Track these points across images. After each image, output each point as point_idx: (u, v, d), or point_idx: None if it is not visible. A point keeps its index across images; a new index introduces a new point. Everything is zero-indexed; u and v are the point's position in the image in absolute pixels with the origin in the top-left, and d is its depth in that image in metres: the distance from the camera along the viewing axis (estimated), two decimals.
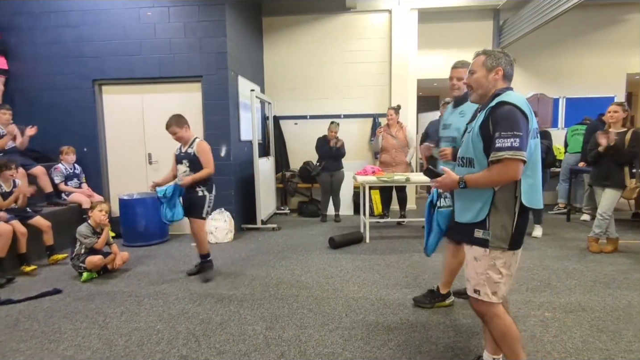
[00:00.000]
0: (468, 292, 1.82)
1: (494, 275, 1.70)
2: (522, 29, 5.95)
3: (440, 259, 3.98)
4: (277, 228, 5.37)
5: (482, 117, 1.69)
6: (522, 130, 1.57)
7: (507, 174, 1.60)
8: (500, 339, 1.78)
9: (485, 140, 1.66)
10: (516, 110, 1.61)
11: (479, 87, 1.79)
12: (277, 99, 6.57)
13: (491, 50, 1.81)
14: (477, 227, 1.71)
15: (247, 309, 2.94)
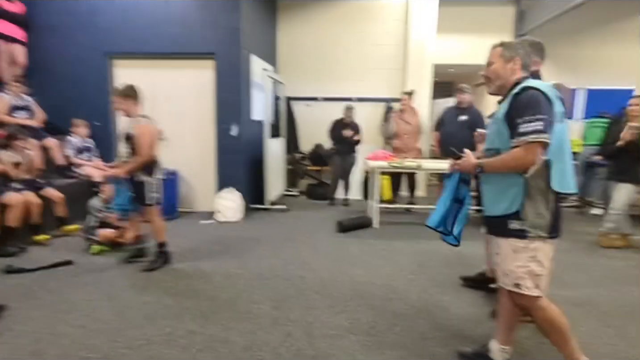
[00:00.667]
0: (507, 287, 1.75)
1: (535, 268, 1.66)
2: (544, 16, 5.77)
3: (447, 247, 3.97)
4: (286, 209, 5.38)
5: (505, 106, 1.68)
6: (546, 113, 1.55)
7: (525, 157, 1.57)
8: (549, 331, 1.75)
9: (511, 129, 1.63)
10: (539, 93, 1.59)
11: (497, 77, 1.78)
12: (289, 80, 6.48)
13: (509, 42, 1.82)
14: (511, 218, 1.66)
15: (254, 287, 2.97)
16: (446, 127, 5.09)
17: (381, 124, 6.54)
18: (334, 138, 5.72)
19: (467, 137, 4.95)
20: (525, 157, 1.56)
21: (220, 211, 4.83)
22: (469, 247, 4.00)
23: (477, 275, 3.00)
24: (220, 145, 5.04)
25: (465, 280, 3.03)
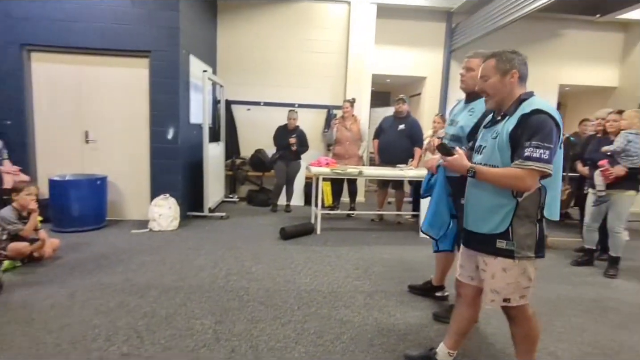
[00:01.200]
0: (494, 305, 1.76)
1: (523, 282, 1.69)
2: (472, 34, 6.23)
3: (388, 252, 4.10)
4: (226, 217, 5.19)
5: (512, 125, 1.61)
6: (553, 142, 1.54)
7: (523, 182, 1.56)
8: (523, 339, 1.80)
9: (513, 147, 1.60)
10: (550, 120, 1.55)
11: (496, 93, 1.71)
12: (229, 83, 6.30)
13: (501, 52, 1.72)
14: (499, 237, 1.66)
15: (194, 301, 2.80)
16: (385, 136, 5.28)
17: (323, 130, 6.60)
18: (278, 145, 5.65)
19: (405, 145, 5.21)
20: (523, 180, 1.55)
21: (154, 219, 4.52)
22: (409, 252, 4.19)
23: (424, 284, 3.09)
24: (155, 149, 4.73)
25: (412, 289, 3.11)
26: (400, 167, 4.95)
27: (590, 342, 2.47)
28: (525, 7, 4.97)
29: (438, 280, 3.00)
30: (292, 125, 5.62)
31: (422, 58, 6.95)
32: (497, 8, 5.54)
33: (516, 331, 1.81)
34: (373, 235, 4.72)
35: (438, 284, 3.01)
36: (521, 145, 1.56)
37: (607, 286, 3.42)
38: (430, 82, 7.08)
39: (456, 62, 6.96)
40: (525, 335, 1.79)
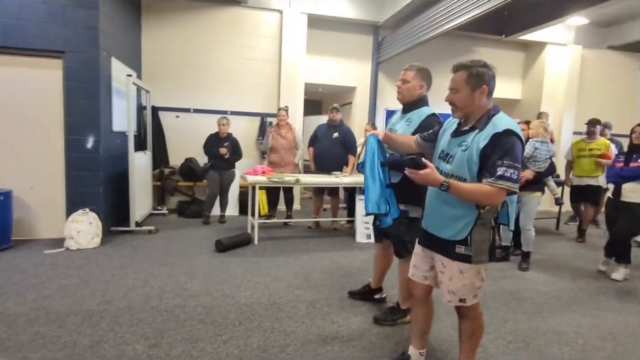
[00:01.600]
0: (451, 304, 1.88)
1: (477, 283, 1.82)
2: (397, 48, 6.60)
3: (327, 259, 4.15)
4: (155, 230, 4.86)
5: (483, 141, 1.66)
6: (520, 162, 1.65)
7: (494, 199, 1.65)
8: (471, 336, 1.92)
9: (482, 164, 1.67)
10: (519, 141, 1.65)
11: (465, 106, 1.76)
12: (156, 88, 5.95)
13: (472, 65, 1.74)
14: (459, 243, 1.76)
15: (124, 325, 2.57)
16: (320, 144, 5.36)
17: (257, 138, 6.52)
18: (210, 153, 5.44)
19: (340, 152, 5.33)
20: (494, 198, 1.64)
21: (72, 237, 4.09)
22: (347, 257, 4.28)
23: (362, 288, 3.16)
24: (72, 159, 4.29)
25: (352, 294, 3.16)
26: (335, 175, 5.05)
27: (512, 331, 2.72)
28: (443, 26, 5.40)
29: (376, 282, 3.09)
30: (223, 132, 5.43)
31: (351, 69, 7.19)
32: (419, 25, 5.94)
33: (466, 328, 1.92)
34: (311, 243, 4.75)
35: (376, 286, 3.10)
36: (493, 164, 1.63)
37: (522, 278, 3.81)
38: (360, 92, 7.34)
39: (383, 74, 7.32)
40: (473, 332, 1.92)
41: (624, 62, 8.04)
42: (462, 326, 1.94)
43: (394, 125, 2.68)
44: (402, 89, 2.57)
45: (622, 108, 7.94)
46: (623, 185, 3.80)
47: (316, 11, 6.47)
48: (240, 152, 5.56)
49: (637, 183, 3.71)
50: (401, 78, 2.58)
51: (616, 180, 3.88)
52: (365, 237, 4.83)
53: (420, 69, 2.57)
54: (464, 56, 7.57)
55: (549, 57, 7.64)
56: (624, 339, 2.69)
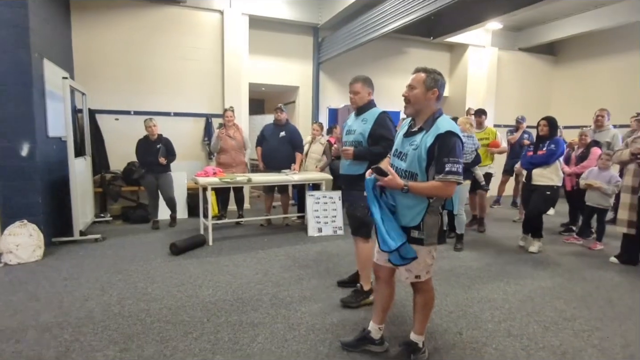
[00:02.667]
0: (408, 281, 2.18)
1: (429, 261, 2.13)
2: (337, 49, 6.92)
3: (282, 253, 4.34)
4: (102, 239, 4.70)
5: (430, 141, 1.94)
6: (461, 158, 1.95)
7: (447, 191, 1.95)
8: (424, 307, 2.22)
9: (429, 160, 1.95)
10: (459, 141, 1.95)
11: (417, 103, 2.02)
12: (92, 90, 5.67)
13: (431, 70, 2.03)
14: (413, 229, 2.04)
15: (88, 334, 2.56)
16: (268, 143, 5.50)
17: (203, 139, 6.48)
18: (143, 159, 5.29)
19: (287, 151, 5.52)
20: (445, 190, 1.94)
21: (11, 251, 3.85)
22: (301, 251, 4.50)
23: (351, 277, 3.41)
24: (4, 169, 4.02)
25: (341, 284, 3.41)
26: (285, 172, 5.23)
27: (452, 303, 3.13)
28: (379, 30, 5.80)
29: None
30: (153, 134, 5.28)
31: (293, 68, 7.39)
32: (357, 28, 6.30)
33: (419, 300, 2.24)
34: (265, 240, 4.90)
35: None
36: (440, 162, 1.91)
37: (457, 257, 4.30)
38: (302, 92, 7.56)
39: (324, 73, 7.61)
40: (426, 303, 2.24)
41: (533, 62, 9.12)
42: (416, 299, 2.25)
43: (351, 127, 3.02)
44: (354, 99, 2.97)
45: (534, 103, 9.02)
46: (533, 171, 4.43)
47: (257, 12, 6.56)
48: (174, 153, 5.44)
49: (544, 168, 4.36)
50: (351, 90, 2.97)
51: (527, 167, 4.51)
52: (317, 230, 5.09)
53: (364, 79, 2.97)
54: (397, 56, 8.21)
55: (470, 57, 8.44)
56: (539, 299, 3.21)
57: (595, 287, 3.51)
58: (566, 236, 5.13)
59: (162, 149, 5.28)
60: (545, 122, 4.40)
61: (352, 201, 3.03)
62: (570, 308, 3.07)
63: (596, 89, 8.29)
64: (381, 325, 2.39)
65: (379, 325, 2.38)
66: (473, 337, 2.60)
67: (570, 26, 7.73)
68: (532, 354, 2.42)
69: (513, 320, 2.86)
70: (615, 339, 2.62)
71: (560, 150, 4.31)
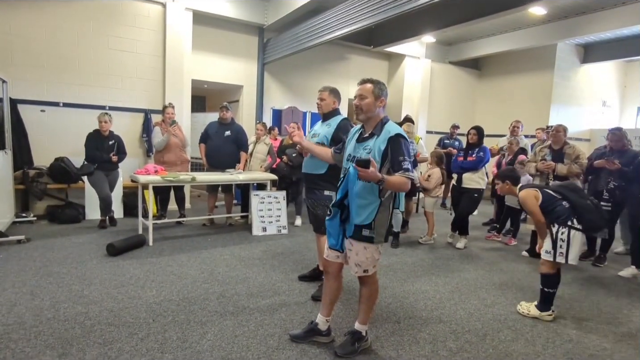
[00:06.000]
0: (357, 274, 2.33)
1: (376, 256, 2.30)
2: (282, 51, 7.02)
3: (227, 253, 4.34)
4: (26, 240, 4.33)
5: (383, 144, 2.15)
6: (412, 158, 2.16)
7: (406, 185, 2.12)
8: (369, 298, 2.38)
9: (382, 162, 2.14)
10: (408, 142, 2.18)
11: (368, 110, 2.22)
12: (14, 78, 5.18)
13: (377, 80, 2.25)
14: (364, 227, 2.19)
15: (19, 341, 2.40)
16: (212, 141, 5.44)
17: (141, 135, 6.21)
18: (92, 158, 5.01)
19: (232, 150, 5.51)
20: (407, 185, 2.12)
21: None
22: (245, 250, 4.54)
23: (312, 271, 3.59)
24: None
25: (302, 278, 3.56)
26: (229, 172, 5.21)
27: (390, 295, 3.39)
28: (324, 36, 6.02)
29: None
30: (105, 129, 5.07)
31: (238, 67, 7.35)
32: (302, 33, 6.46)
33: (365, 292, 2.41)
34: (209, 239, 4.85)
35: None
36: (397, 161, 2.12)
37: (394, 253, 4.61)
38: (246, 91, 7.55)
39: (269, 74, 7.66)
40: (370, 294, 2.41)
41: (461, 75, 9.97)
42: (362, 292, 2.43)
43: (316, 131, 3.24)
44: (320, 105, 3.18)
45: (462, 112, 9.85)
46: (463, 175, 4.91)
47: (201, 8, 6.44)
48: (125, 151, 5.29)
49: (473, 173, 4.84)
50: (319, 97, 3.18)
51: (458, 171, 4.98)
52: (261, 230, 5.14)
53: (332, 90, 3.20)
54: (339, 62, 8.54)
55: (407, 67, 9.01)
56: (465, 290, 3.60)
57: (510, 277, 4.00)
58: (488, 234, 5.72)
59: (115, 145, 5.11)
60: (474, 131, 4.90)
61: (314, 199, 3.20)
62: (490, 296, 3.48)
63: (513, 102, 9.30)
64: (328, 318, 2.54)
65: (326, 318, 2.53)
66: (409, 325, 2.86)
67: (492, 44, 8.59)
68: (459, 336, 2.73)
69: (443, 308, 3.18)
70: (526, 320, 3.04)
71: (487, 157, 4.83)
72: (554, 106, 8.68)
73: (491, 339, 2.72)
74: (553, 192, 3.11)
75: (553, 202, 3.03)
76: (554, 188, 3.22)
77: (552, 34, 7.44)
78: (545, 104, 8.38)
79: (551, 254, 2.96)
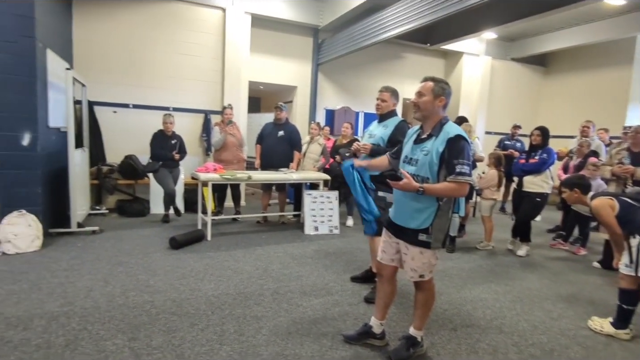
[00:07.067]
0: (412, 280, 2.27)
1: (433, 261, 2.23)
2: (336, 52, 7.03)
3: (280, 250, 4.43)
4: (99, 231, 4.72)
5: (441, 146, 2.06)
6: (470, 161, 2.06)
7: (461, 191, 2.04)
8: (424, 304, 2.32)
9: (440, 164, 2.06)
10: (467, 145, 2.07)
11: (425, 109, 2.15)
12: (90, 82, 5.65)
13: (439, 79, 2.16)
14: (421, 232, 2.14)
15: (95, 324, 2.62)
16: (267, 141, 5.58)
17: (201, 135, 6.51)
18: (158, 152, 5.34)
19: (286, 150, 5.61)
20: (461, 191, 2.03)
21: (9, 241, 3.85)
22: (298, 248, 4.59)
23: (364, 273, 3.56)
24: (4, 158, 4.01)
25: (354, 279, 3.55)
26: (283, 171, 5.32)
27: (446, 301, 3.27)
28: (379, 35, 5.94)
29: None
30: (168, 129, 5.40)
31: (292, 68, 7.48)
32: (357, 32, 6.42)
33: (420, 297, 2.34)
34: (263, 237, 4.98)
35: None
36: (451, 164, 2.03)
37: (450, 258, 4.44)
38: (300, 91, 7.65)
39: (323, 75, 7.71)
40: (426, 300, 2.34)
41: (524, 72, 9.39)
42: (418, 297, 2.36)
43: (372, 132, 3.23)
44: (381, 106, 3.17)
45: (524, 112, 9.29)
46: (524, 178, 4.62)
47: (259, 11, 6.62)
48: (186, 150, 5.59)
49: (535, 176, 4.54)
50: (380, 97, 3.18)
51: (519, 174, 4.69)
52: (313, 229, 5.18)
53: (393, 91, 3.20)
54: (394, 61, 8.38)
55: (465, 65, 8.65)
56: (528, 300, 3.38)
57: (579, 289, 3.70)
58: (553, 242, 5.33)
59: (177, 144, 5.42)
60: (538, 131, 4.59)
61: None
62: (557, 308, 3.24)
63: (583, 101, 8.59)
64: (382, 321, 2.50)
65: (380, 321, 2.49)
66: (467, 333, 2.74)
67: (561, 39, 8.00)
68: (523, 350, 2.57)
69: (504, 318, 3.01)
70: (599, 337, 2.79)
71: (551, 160, 4.50)
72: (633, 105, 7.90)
73: (558, 355, 2.54)
74: (631, 199, 2.83)
75: (632, 210, 2.76)
76: (632, 195, 2.93)
77: (632, 25, 6.76)
78: (622, 102, 7.63)
79: (632, 267, 2.69)
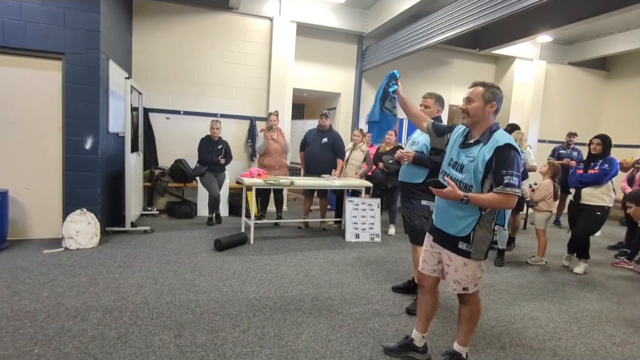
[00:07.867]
0: (455, 292, 2.17)
1: (478, 274, 2.13)
2: (381, 58, 6.97)
3: (321, 257, 4.42)
4: (150, 230, 4.97)
5: (488, 154, 1.96)
6: (520, 172, 1.95)
7: (508, 203, 1.93)
8: (469, 319, 2.21)
9: (485, 173, 1.97)
10: (518, 155, 1.96)
11: (475, 115, 2.06)
12: (146, 90, 6.02)
13: (490, 84, 2.07)
14: (461, 240, 2.06)
15: (145, 319, 2.74)
16: (310, 148, 5.62)
17: (246, 141, 6.70)
18: (204, 157, 5.56)
19: (329, 157, 5.62)
20: (506, 203, 1.92)
21: (71, 237, 4.15)
22: (338, 255, 4.56)
23: (406, 283, 3.50)
24: (70, 160, 4.34)
25: (396, 289, 3.50)
26: (325, 177, 5.33)
27: (494, 317, 3.10)
28: (425, 41, 5.81)
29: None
30: (215, 135, 5.60)
31: (336, 75, 7.51)
32: (402, 38, 6.34)
33: (465, 312, 2.23)
34: (304, 242, 5.00)
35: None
36: (499, 174, 1.93)
37: (498, 272, 4.23)
38: (344, 98, 7.67)
39: (366, 82, 7.68)
40: (471, 315, 2.22)
41: (583, 77, 8.82)
42: (462, 311, 2.25)
43: (415, 139, 3.17)
44: (424, 112, 3.10)
45: (583, 119, 8.71)
46: (582, 190, 4.31)
47: (305, 20, 6.73)
48: (231, 155, 5.76)
49: (594, 188, 4.23)
50: (423, 104, 3.14)
51: (577, 185, 4.39)
52: (354, 236, 5.14)
53: (437, 97, 3.14)
54: (441, 67, 8.18)
55: (517, 70, 8.27)
56: (586, 322, 3.13)
57: None
58: (615, 260, 4.92)
59: (223, 149, 5.61)
60: (599, 140, 4.28)
61: (410, 209, 3.12)
62: (620, 333, 2.97)
63: None
64: (424, 334, 2.41)
65: (422, 334, 2.41)
66: (517, 354, 2.58)
67: (625, 41, 7.43)
68: None
69: (558, 340, 2.81)
70: None
71: (614, 171, 4.17)
72: None
73: None
74: None
75: None
76: None
77: None
78: None
79: None
